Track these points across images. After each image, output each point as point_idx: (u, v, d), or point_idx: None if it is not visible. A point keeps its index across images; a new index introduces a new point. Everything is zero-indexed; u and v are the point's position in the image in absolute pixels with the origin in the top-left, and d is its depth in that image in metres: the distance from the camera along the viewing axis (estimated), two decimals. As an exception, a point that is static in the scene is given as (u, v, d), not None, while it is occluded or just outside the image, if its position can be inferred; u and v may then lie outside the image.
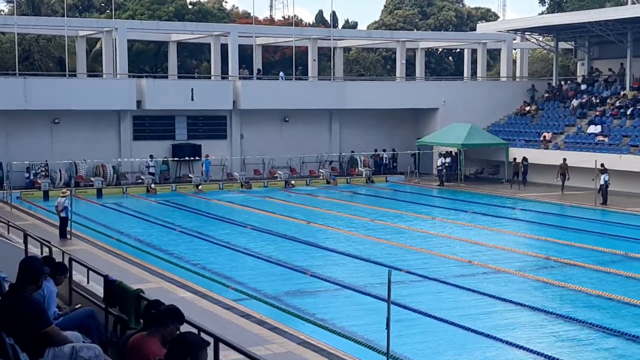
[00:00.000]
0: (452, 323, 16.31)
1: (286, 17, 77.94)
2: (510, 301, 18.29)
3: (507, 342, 15.08)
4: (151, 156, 41.94)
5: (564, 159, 39.26)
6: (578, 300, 18.88)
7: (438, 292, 19.54)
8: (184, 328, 7.64)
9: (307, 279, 20.78)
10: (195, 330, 8.93)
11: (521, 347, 14.77)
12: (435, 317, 16.77)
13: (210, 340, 8.40)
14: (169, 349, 5.87)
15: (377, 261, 22.61)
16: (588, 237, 27.22)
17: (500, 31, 52.26)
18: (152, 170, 41.65)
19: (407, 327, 15.98)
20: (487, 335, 15.47)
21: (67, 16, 44.90)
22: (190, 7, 65.40)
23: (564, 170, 38.95)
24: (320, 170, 45.65)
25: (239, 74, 46.35)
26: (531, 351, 14.58)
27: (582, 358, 14.32)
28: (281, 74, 50.19)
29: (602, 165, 35.98)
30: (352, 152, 47.24)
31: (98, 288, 14.65)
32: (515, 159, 42.87)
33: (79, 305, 11.78)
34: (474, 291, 19.19)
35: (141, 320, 9.11)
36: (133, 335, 7.74)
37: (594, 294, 19.13)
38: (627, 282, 20.58)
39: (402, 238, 27.02)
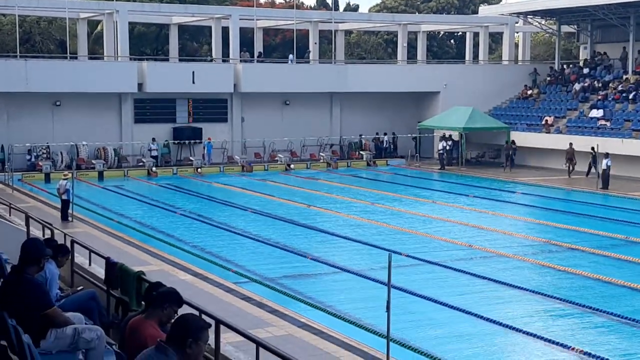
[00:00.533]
0: (451, 306, 16.39)
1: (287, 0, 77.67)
2: (509, 284, 18.37)
3: (505, 326, 15.17)
4: (154, 139, 41.99)
5: (570, 144, 38.95)
6: (575, 283, 18.94)
7: (438, 275, 19.60)
8: (185, 310, 7.69)
9: (307, 262, 20.85)
10: (196, 313, 8.99)
11: (517, 330, 14.86)
12: (434, 300, 16.86)
13: (212, 322, 8.47)
14: (170, 330, 5.91)
15: (377, 245, 22.67)
16: (589, 221, 27.26)
17: (503, 14, 52.06)
18: (154, 153, 41.70)
19: (407, 310, 16.06)
20: (489, 320, 15.55)
21: (68, -2, 44.76)
22: (191, -11, 65.16)
23: (571, 155, 38.58)
24: (321, 153, 45.66)
25: (240, 57, 46.29)
26: (527, 333, 14.67)
27: (573, 338, 14.39)
28: (291, 56, 50.03)
29: (592, 149, 37.42)
30: (361, 135, 47.23)
31: (99, 270, 14.74)
32: (506, 142, 43.10)
33: (81, 287, 11.85)
34: (474, 275, 19.26)
35: (142, 302, 9.17)
36: (133, 317, 7.80)
37: (592, 277, 19.19)
38: (628, 266, 20.64)
39: (402, 222, 27.08)
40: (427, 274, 19.79)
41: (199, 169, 40.99)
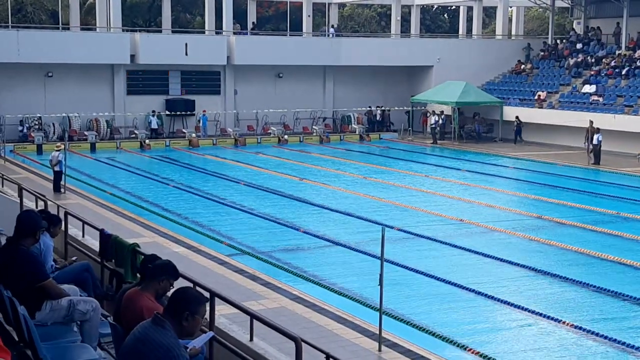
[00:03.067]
0: (443, 280, 16.52)
1: (281, -29, 77.17)
2: (499, 258, 18.48)
3: (496, 299, 15.31)
4: (154, 111, 41.93)
5: (591, 122, 36.84)
6: (565, 258, 19.08)
7: (429, 249, 19.72)
8: (180, 283, 7.74)
9: (300, 235, 20.94)
10: (190, 285, 9.06)
11: (509, 303, 15.01)
12: (426, 274, 16.97)
13: (206, 294, 8.54)
14: (168, 303, 5.96)
15: (370, 218, 22.75)
16: (580, 196, 27.38)
17: (497, -12, 51.93)
18: (154, 125, 41.64)
19: (398, 283, 16.17)
20: (480, 293, 15.69)
21: (59, -32, 44.45)
22: (184, -40, 64.77)
23: (592, 134, 36.37)
24: (314, 126, 45.61)
25: (232, 30, 46.09)
26: (519, 307, 14.81)
27: (563, 312, 14.54)
28: (332, 29, 49.80)
29: (516, 117, 41.37)
30: (370, 107, 47.20)
31: (93, 242, 14.80)
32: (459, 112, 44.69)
33: (75, 258, 11.89)
34: (465, 249, 19.37)
35: (138, 275, 9.22)
36: (128, 289, 7.84)
37: (582, 252, 19.33)
38: (618, 241, 20.78)
39: (394, 195, 27.15)
40: (419, 247, 19.90)
41: (194, 135, 40.97)
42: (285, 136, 43.35)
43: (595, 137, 35.18)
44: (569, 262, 18.73)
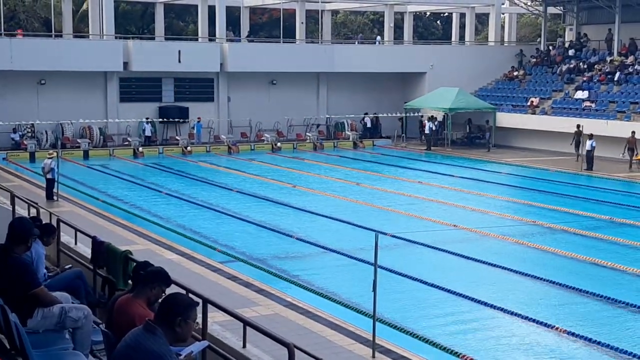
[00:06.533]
0: (437, 286, 16.50)
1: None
2: (493, 264, 18.48)
3: (489, 305, 15.29)
4: (147, 118, 41.90)
5: (633, 132, 36.06)
6: (558, 264, 19.11)
7: (423, 256, 19.72)
8: (173, 290, 7.71)
9: (293, 242, 20.90)
10: (183, 292, 9.02)
11: (501, 309, 14.99)
12: (419, 280, 16.96)
13: (199, 301, 8.51)
14: (159, 309, 5.94)
15: (363, 225, 22.70)
16: (573, 202, 27.40)
17: (489, -5, 52.05)
18: (148, 133, 41.61)
19: (392, 289, 16.14)
20: (473, 299, 15.68)
21: (52, -24, 44.42)
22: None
23: (632, 145, 35.63)
24: (307, 133, 45.61)
25: (226, 37, 46.10)
26: (511, 313, 14.80)
27: (556, 318, 14.55)
28: (378, 38, 49.85)
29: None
30: (366, 113, 47.37)
31: (85, 249, 14.75)
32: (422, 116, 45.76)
33: (69, 266, 11.85)
34: (458, 255, 19.37)
35: (130, 282, 9.19)
36: (120, 296, 7.82)
37: (576, 258, 19.35)
38: (611, 247, 20.81)
39: (388, 202, 27.14)
40: (413, 254, 19.90)
41: (187, 147, 40.90)
42: (279, 143, 43.33)
43: (588, 143, 35.27)
44: (563, 268, 18.75)
